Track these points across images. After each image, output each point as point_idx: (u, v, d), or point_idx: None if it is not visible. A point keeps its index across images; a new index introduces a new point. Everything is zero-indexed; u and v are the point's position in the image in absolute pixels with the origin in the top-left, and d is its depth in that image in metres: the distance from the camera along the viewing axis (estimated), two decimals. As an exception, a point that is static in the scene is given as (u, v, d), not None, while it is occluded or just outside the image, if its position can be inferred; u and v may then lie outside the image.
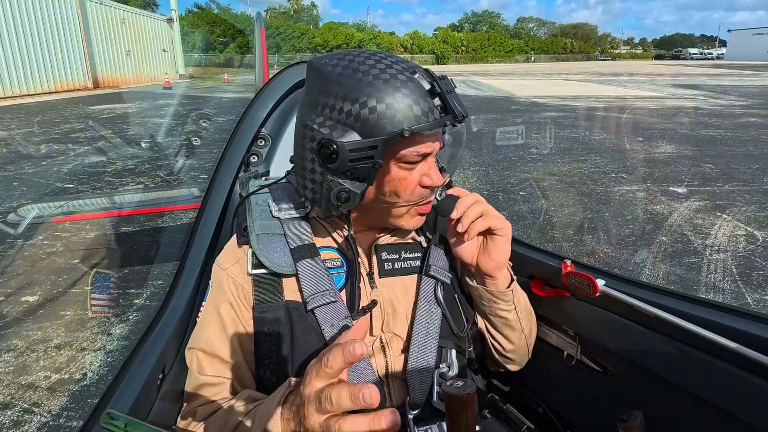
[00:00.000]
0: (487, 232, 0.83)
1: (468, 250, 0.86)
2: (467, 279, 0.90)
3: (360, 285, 0.82)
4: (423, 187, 0.78)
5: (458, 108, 0.71)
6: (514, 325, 0.91)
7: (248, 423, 0.68)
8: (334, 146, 0.69)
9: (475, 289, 0.89)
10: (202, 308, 0.86)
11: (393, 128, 0.68)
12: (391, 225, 0.83)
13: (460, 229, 0.82)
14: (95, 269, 3.29)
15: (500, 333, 0.93)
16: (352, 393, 0.53)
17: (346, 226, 0.84)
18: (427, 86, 0.71)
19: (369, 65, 0.72)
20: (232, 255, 0.84)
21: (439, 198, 0.83)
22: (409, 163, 0.75)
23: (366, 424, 0.53)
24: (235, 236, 0.87)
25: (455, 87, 0.75)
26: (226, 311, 0.81)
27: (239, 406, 0.73)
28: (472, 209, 0.81)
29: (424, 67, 0.76)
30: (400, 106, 0.69)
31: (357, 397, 0.52)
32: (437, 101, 0.71)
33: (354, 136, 0.70)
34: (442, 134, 0.79)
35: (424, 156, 0.76)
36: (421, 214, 0.83)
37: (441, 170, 0.81)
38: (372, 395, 0.52)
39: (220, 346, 0.80)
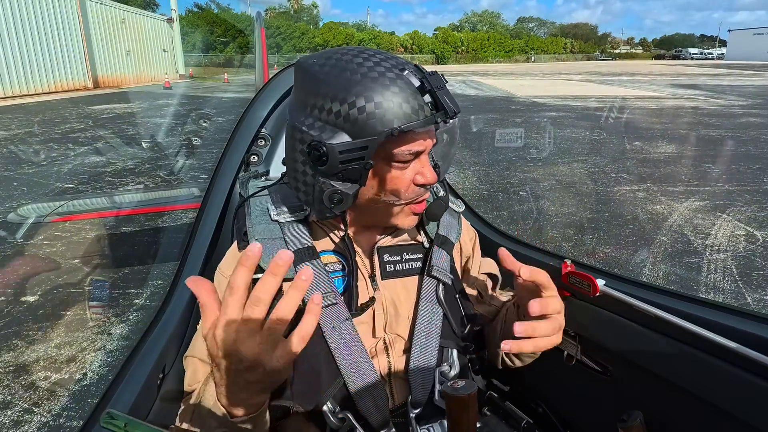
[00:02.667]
0: None
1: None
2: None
3: (358, 284, 0.82)
4: (416, 185, 0.77)
5: (449, 104, 0.69)
6: (538, 352, 0.87)
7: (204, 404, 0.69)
8: (324, 148, 0.68)
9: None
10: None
11: (383, 128, 0.67)
12: (387, 224, 0.83)
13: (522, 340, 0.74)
14: (93, 274, 3.29)
15: (519, 359, 0.92)
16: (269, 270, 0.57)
17: (343, 227, 0.83)
18: (417, 83, 0.69)
19: (357, 63, 0.70)
20: (234, 261, 0.84)
21: (436, 197, 0.81)
22: (402, 162, 0.73)
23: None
24: (236, 242, 0.87)
25: (446, 83, 0.73)
26: None
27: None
28: (544, 327, 0.74)
29: (422, 66, 0.75)
30: (389, 104, 0.67)
31: (275, 263, 0.56)
32: (428, 98, 0.69)
33: (344, 137, 0.68)
34: (435, 131, 0.78)
35: (417, 154, 0.74)
36: (416, 214, 0.82)
37: (435, 167, 0.80)
38: (284, 256, 0.56)
39: None
